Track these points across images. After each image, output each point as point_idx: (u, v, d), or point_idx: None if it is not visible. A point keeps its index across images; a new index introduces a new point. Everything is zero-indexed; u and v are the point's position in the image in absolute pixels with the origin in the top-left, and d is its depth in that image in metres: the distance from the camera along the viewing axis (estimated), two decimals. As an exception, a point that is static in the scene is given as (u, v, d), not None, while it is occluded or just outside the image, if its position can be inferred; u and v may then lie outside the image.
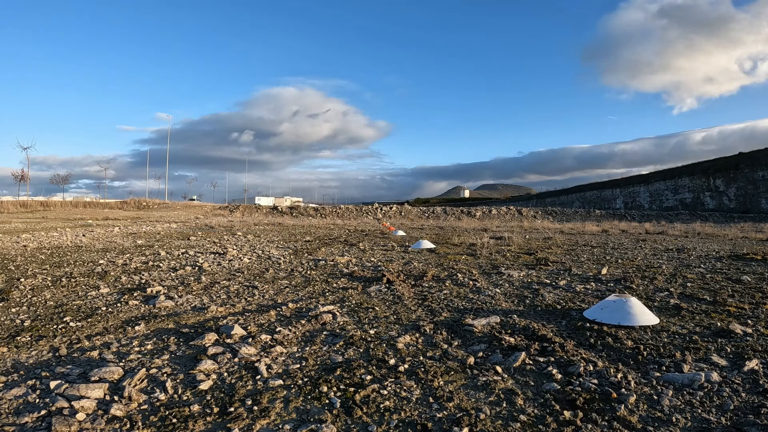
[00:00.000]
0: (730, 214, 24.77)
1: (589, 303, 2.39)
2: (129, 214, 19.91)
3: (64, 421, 1.16)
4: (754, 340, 1.77)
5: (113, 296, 2.67)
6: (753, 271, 3.49)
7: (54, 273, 3.44)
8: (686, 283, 2.98)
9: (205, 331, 1.93)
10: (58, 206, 26.94)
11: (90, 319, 2.17)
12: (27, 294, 2.71)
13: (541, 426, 1.16)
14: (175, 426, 1.16)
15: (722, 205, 30.26)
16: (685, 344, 1.75)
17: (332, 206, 28.23)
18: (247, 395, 1.33)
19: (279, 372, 1.51)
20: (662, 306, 2.35)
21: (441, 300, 2.51)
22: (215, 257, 4.35)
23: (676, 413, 1.22)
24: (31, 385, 1.39)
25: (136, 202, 30.14)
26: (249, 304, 2.47)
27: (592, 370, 1.50)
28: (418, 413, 1.23)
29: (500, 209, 25.17)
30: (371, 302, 2.47)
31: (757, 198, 28.04)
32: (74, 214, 19.85)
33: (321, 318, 2.14)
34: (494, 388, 1.38)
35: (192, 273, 3.46)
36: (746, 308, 2.24)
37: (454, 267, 3.65)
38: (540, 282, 3.03)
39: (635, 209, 32.52)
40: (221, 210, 27.05)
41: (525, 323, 2.04)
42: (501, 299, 2.52)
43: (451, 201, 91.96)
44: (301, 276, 3.34)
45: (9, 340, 1.85)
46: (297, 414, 1.23)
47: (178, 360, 1.63)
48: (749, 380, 1.41)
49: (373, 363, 1.58)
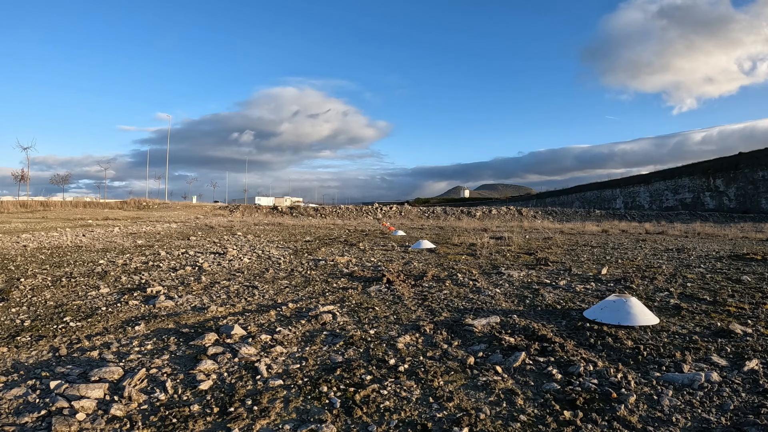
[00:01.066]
0: (730, 214, 24.76)
1: (589, 303, 2.39)
2: (129, 214, 19.91)
3: (64, 421, 1.16)
4: (754, 340, 1.77)
5: (113, 296, 2.67)
6: (753, 271, 3.49)
7: (54, 273, 3.44)
8: (686, 283, 2.98)
9: (205, 331, 1.93)
10: (58, 206, 26.94)
11: (90, 319, 2.17)
12: (27, 294, 2.71)
13: (541, 426, 1.16)
14: (175, 426, 1.16)
15: (722, 205, 30.26)
16: (685, 344, 1.75)
17: (332, 206, 28.22)
18: (247, 395, 1.33)
19: (279, 372, 1.51)
20: (662, 306, 2.35)
21: (441, 300, 2.51)
22: (215, 257, 4.35)
23: (676, 413, 1.22)
24: (31, 385, 1.39)
25: (136, 202, 30.14)
26: (249, 304, 2.47)
27: (592, 370, 1.50)
28: (418, 413, 1.23)
29: (500, 209, 25.16)
30: (371, 302, 2.47)
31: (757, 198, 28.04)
32: (74, 214, 19.85)
33: (321, 318, 2.14)
34: (494, 388, 1.38)
35: (192, 273, 3.46)
36: (746, 308, 2.24)
37: (454, 267, 3.65)
38: (540, 282, 3.03)
39: (635, 209, 32.52)
40: (221, 210, 27.04)
41: (525, 323, 2.04)
42: (501, 299, 2.52)
43: (451, 201, 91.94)
44: (301, 276, 3.34)
45: (9, 340, 1.85)
46: (297, 414, 1.23)
47: (178, 360, 1.63)
48: (749, 380, 1.41)
49: (373, 363, 1.58)
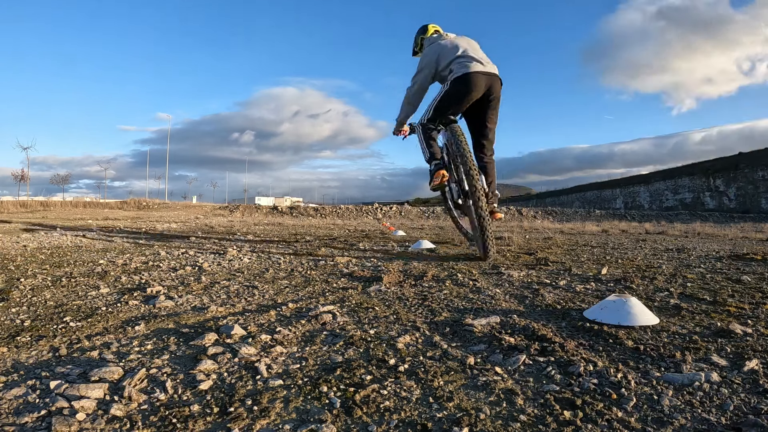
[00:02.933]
0: (730, 214, 24.76)
1: (589, 303, 2.39)
2: (129, 214, 19.90)
3: (64, 421, 1.16)
4: (754, 340, 1.77)
5: (113, 296, 2.66)
6: (753, 271, 3.49)
7: (54, 273, 3.44)
8: (686, 283, 2.97)
9: (205, 331, 1.93)
10: (58, 206, 26.92)
11: (90, 319, 2.17)
12: (27, 294, 2.71)
13: (541, 426, 1.16)
14: (175, 426, 1.16)
15: (722, 205, 30.26)
16: (685, 344, 1.74)
17: (332, 206, 28.20)
18: (247, 395, 1.33)
19: (279, 372, 1.51)
20: (662, 306, 2.35)
21: (441, 300, 2.51)
22: (215, 257, 4.35)
23: (675, 413, 1.22)
24: (31, 385, 1.39)
25: (136, 202, 30.13)
26: (249, 304, 2.46)
27: (592, 370, 1.50)
28: (418, 413, 1.23)
29: (500, 209, 25.17)
30: (371, 302, 2.47)
31: (757, 198, 28.04)
32: (74, 214, 19.84)
33: (321, 318, 2.13)
34: (494, 388, 1.37)
35: (192, 273, 3.46)
36: (746, 308, 2.24)
37: (454, 267, 3.65)
38: (540, 282, 3.03)
39: (635, 209, 32.51)
40: (221, 210, 27.03)
41: (525, 323, 2.03)
42: (501, 299, 2.52)
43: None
44: (301, 276, 3.34)
45: (9, 340, 1.85)
46: (297, 414, 1.23)
47: (178, 360, 1.63)
48: (749, 380, 1.41)
49: (373, 363, 1.58)
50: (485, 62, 3.87)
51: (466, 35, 4.15)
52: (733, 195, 28.74)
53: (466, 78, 3.76)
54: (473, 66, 3.78)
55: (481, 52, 3.99)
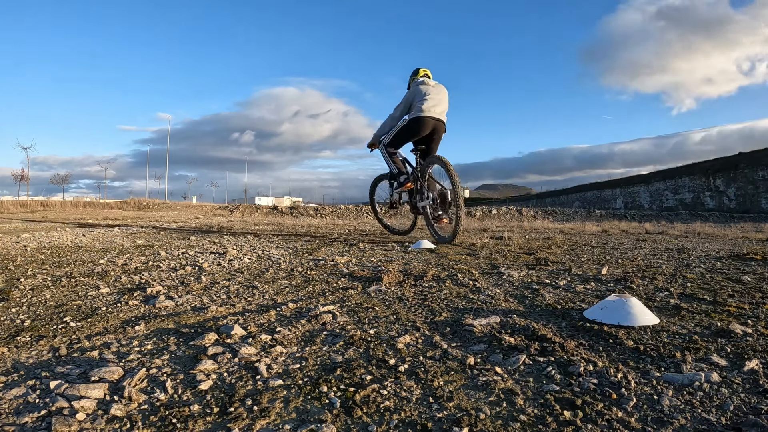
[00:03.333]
0: (730, 214, 24.76)
1: (589, 303, 2.39)
2: (129, 214, 19.90)
3: (64, 421, 1.16)
4: (754, 340, 1.77)
5: (113, 296, 2.66)
6: (753, 271, 3.49)
7: (54, 273, 3.44)
8: (686, 283, 2.98)
9: (205, 331, 1.93)
10: (58, 206, 26.92)
11: (90, 319, 2.17)
12: (27, 294, 2.71)
13: (541, 426, 1.16)
14: (175, 426, 1.16)
15: (722, 205, 30.26)
16: (685, 344, 1.74)
17: (332, 206, 28.20)
18: (247, 395, 1.33)
19: (279, 372, 1.51)
20: (662, 306, 2.35)
21: (441, 300, 2.51)
22: (215, 257, 4.35)
23: (675, 413, 1.22)
24: (31, 385, 1.39)
25: (136, 202, 30.13)
26: (249, 304, 2.46)
27: (592, 370, 1.50)
28: (418, 413, 1.23)
29: (500, 209, 25.14)
30: (371, 302, 2.47)
31: (757, 198, 28.04)
32: (74, 214, 19.84)
33: (321, 318, 2.13)
34: (494, 388, 1.37)
35: (192, 273, 3.46)
36: (746, 308, 2.24)
37: (454, 267, 3.65)
38: (540, 282, 3.03)
39: (635, 209, 32.52)
40: (221, 210, 27.02)
41: (525, 323, 2.03)
42: (501, 299, 2.52)
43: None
44: (301, 276, 3.34)
45: (9, 340, 1.85)
46: (297, 414, 1.23)
47: (178, 360, 1.63)
48: (749, 380, 1.41)
49: (373, 363, 1.58)
50: (437, 110, 5.15)
51: (443, 84, 5.38)
52: (733, 195, 28.74)
53: (419, 119, 5.10)
54: (425, 111, 5.07)
55: (442, 100, 5.23)
